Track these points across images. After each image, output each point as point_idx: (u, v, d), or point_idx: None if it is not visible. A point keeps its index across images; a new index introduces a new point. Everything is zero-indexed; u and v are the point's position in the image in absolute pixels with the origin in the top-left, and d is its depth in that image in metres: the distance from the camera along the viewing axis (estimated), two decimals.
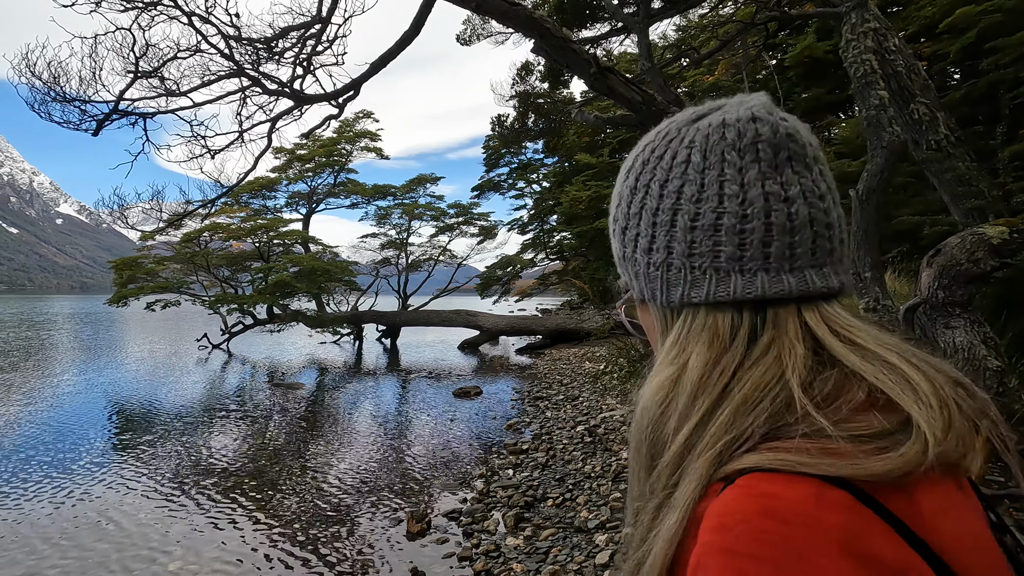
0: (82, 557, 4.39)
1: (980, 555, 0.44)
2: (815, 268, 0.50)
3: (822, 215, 0.51)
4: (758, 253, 0.50)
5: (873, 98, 3.94)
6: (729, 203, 0.50)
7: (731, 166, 0.51)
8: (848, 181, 10.68)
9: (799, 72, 15.35)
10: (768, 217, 0.49)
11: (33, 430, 8.41)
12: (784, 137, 0.51)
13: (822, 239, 0.51)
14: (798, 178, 0.51)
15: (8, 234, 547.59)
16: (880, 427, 0.44)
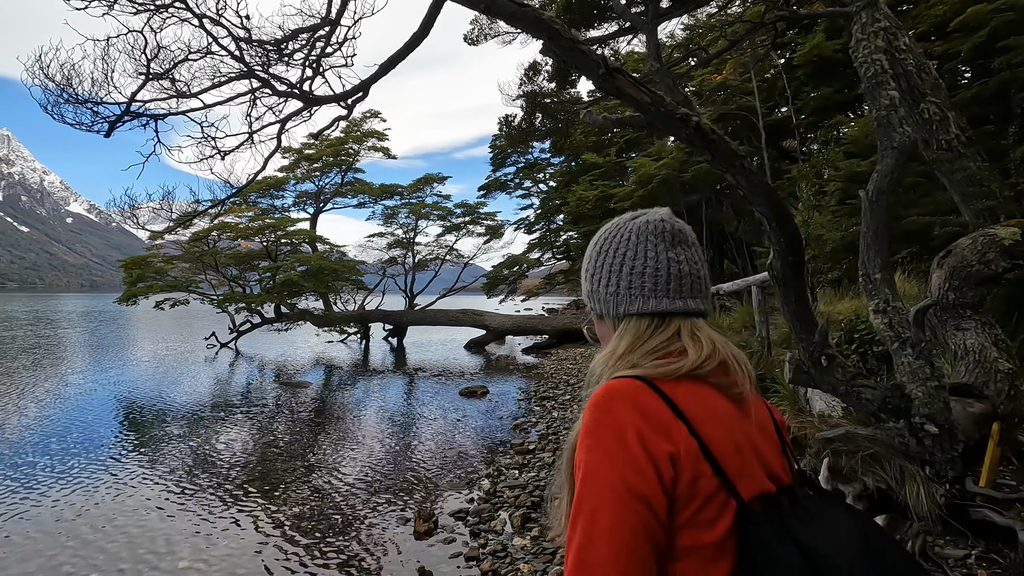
0: (92, 554, 4.43)
1: (716, 427, 0.80)
2: (692, 298, 0.91)
3: (696, 270, 0.93)
4: (663, 288, 0.90)
5: (883, 98, 3.91)
6: (649, 261, 0.91)
7: (651, 243, 0.92)
8: (857, 181, 10.62)
9: (808, 71, 15.24)
10: (668, 270, 0.91)
11: (44, 428, 8.49)
12: (677, 231, 0.94)
13: (696, 283, 0.92)
14: (683, 251, 0.93)
15: (19, 232, 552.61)
16: (676, 361, 0.84)
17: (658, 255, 0.91)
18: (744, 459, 0.79)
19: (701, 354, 0.84)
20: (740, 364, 0.87)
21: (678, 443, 0.75)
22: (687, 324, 0.88)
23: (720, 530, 0.74)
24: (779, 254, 3.41)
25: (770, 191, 3.28)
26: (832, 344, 3.57)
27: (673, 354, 0.85)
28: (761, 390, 5.67)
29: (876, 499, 3.58)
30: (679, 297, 0.89)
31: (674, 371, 0.82)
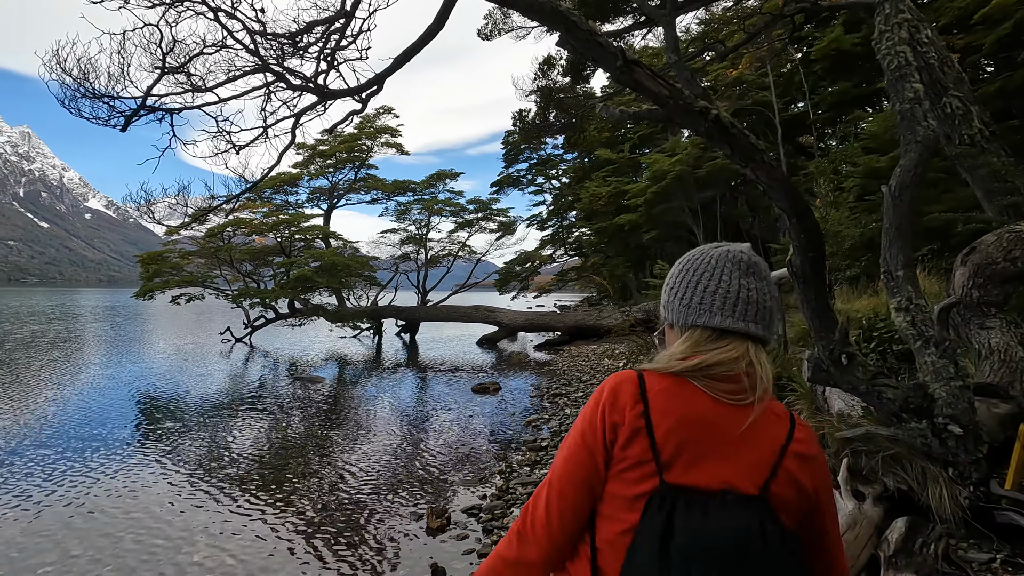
0: (109, 545, 4.48)
1: (674, 418, 0.92)
2: (753, 322, 0.99)
3: (763, 300, 1.02)
4: (729, 309, 0.99)
5: (907, 91, 3.82)
6: (722, 285, 1.01)
7: (727, 270, 1.02)
8: (876, 177, 10.45)
9: (826, 65, 15.01)
10: (738, 294, 1.00)
11: (63, 421, 8.62)
12: (753, 263, 1.04)
13: (762, 312, 1.01)
14: (755, 281, 1.02)
15: (39, 228, 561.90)
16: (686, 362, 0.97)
17: (731, 280, 1.01)
18: (696, 452, 0.91)
19: (704, 360, 0.95)
20: (755, 380, 0.95)
21: (625, 418, 0.93)
22: (741, 344, 0.98)
23: (636, 491, 0.91)
24: (799, 250, 3.35)
25: (790, 186, 3.22)
26: (852, 342, 3.50)
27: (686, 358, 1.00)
28: (777, 388, 5.61)
29: (897, 500, 3.51)
30: (742, 319, 0.98)
31: (668, 368, 0.96)
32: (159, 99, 3.66)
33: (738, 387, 0.93)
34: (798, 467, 0.93)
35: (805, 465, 0.93)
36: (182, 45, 3.60)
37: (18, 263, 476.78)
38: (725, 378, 0.94)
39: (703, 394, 0.93)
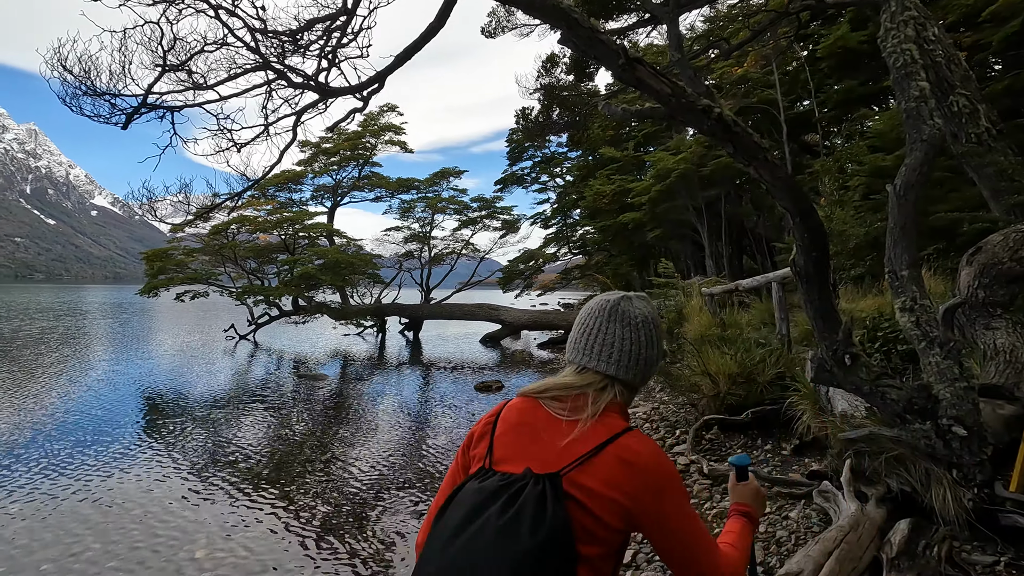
0: (111, 542, 4.50)
1: (511, 426, 1.16)
2: (606, 362, 1.19)
3: (622, 343, 1.21)
4: (588, 350, 1.21)
5: (913, 89, 3.79)
6: (590, 330, 1.25)
7: (596, 317, 1.25)
8: (882, 176, 10.38)
9: (831, 63, 14.91)
10: (596, 338, 1.23)
11: (71, 417, 8.66)
12: (618, 310, 1.23)
13: (617, 352, 1.20)
14: (616, 326, 1.22)
15: (46, 225, 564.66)
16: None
17: (596, 326, 1.22)
18: (517, 448, 1.12)
19: (544, 384, 1.19)
20: (581, 405, 1.13)
21: (482, 428, 1.20)
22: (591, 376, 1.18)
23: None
24: (802, 249, 3.32)
25: (793, 184, 3.19)
26: (856, 342, 3.48)
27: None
28: (780, 388, 5.57)
29: (900, 502, 3.48)
30: (596, 359, 1.19)
31: (526, 391, 1.20)
32: (160, 97, 3.66)
33: (568, 406, 1.13)
34: (615, 467, 1.05)
35: (625, 468, 1.05)
36: (183, 43, 3.60)
37: (25, 260, 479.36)
38: (559, 399, 1.14)
39: (542, 409, 1.15)
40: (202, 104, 3.77)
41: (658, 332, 1.24)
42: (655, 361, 1.23)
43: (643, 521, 1.06)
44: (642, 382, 1.23)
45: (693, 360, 6.43)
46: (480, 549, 0.97)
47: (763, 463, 4.95)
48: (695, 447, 5.58)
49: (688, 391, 6.54)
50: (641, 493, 1.04)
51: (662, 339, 1.26)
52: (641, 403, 7.99)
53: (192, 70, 3.66)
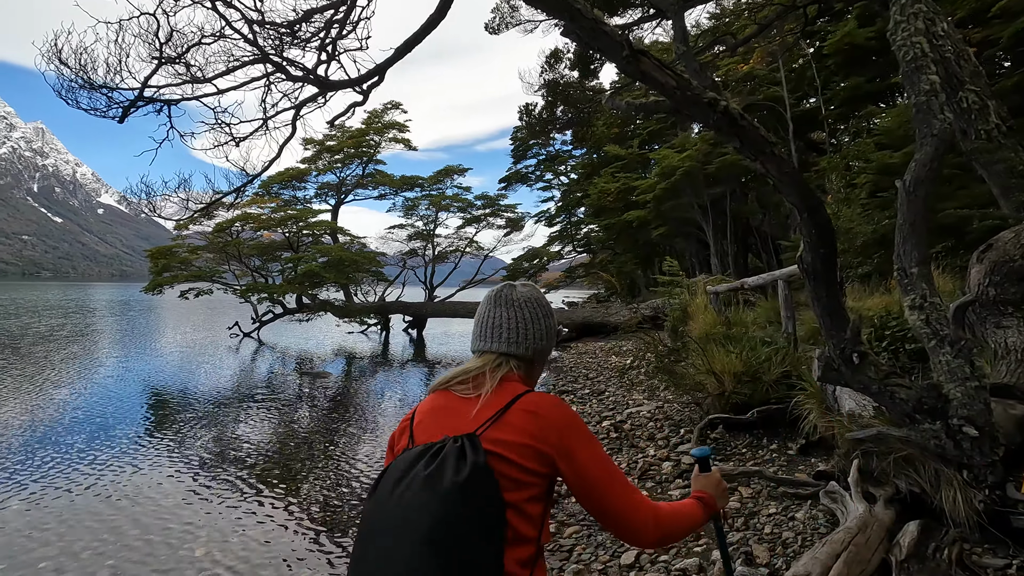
0: (111, 540, 4.48)
1: (427, 414, 1.27)
2: (497, 341, 1.37)
3: (509, 322, 1.37)
4: (481, 335, 1.41)
5: (923, 83, 3.71)
6: (481, 317, 1.43)
7: (485, 305, 1.43)
8: (889, 173, 10.27)
9: (838, 60, 14.77)
10: (485, 323, 1.42)
11: (71, 415, 8.67)
12: (502, 295, 1.40)
13: (506, 331, 1.36)
14: (502, 309, 1.38)
15: (53, 223, 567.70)
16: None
17: (485, 313, 1.38)
18: (433, 425, 1.22)
19: (446, 376, 1.33)
20: (480, 383, 1.27)
21: (401, 427, 1.30)
22: (487, 357, 1.33)
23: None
24: (810, 246, 3.26)
25: (801, 180, 3.13)
26: (864, 341, 3.41)
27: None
28: (786, 387, 5.51)
29: (909, 503, 3.42)
30: (488, 340, 1.35)
31: (433, 387, 1.34)
32: (158, 90, 3.62)
33: (471, 386, 1.26)
34: (521, 418, 1.17)
35: (530, 416, 1.17)
36: (180, 35, 3.56)
37: (32, 257, 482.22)
38: (464, 383, 1.28)
39: (452, 395, 1.27)
40: (200, 97, 3.73)
41: (543, 309, 1.38)
42: (544, 334, 1.37)
43: (555, 458, 1.16)
44: (537, 355, 1.36)
45: (698, 359, 6.37)
46: (409, 498, 1.07)
47: (769, 463, 4.89)
48: (700, 446, 5.52)
49: (693, 390, 6.48)
50: (547, 433, 1.16)
51: (549, 315, 1.39)
52: (645, 402, 7.93)
53: (190, 63, 3.62)
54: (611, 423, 7.05)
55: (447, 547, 1.01)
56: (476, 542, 1.03)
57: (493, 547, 1.05)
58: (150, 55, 3.50)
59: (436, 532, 1.01)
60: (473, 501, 1.05)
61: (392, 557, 1.02)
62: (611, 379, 10.37)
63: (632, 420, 7.06)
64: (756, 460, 5.00)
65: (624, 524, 1.20)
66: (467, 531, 1.03)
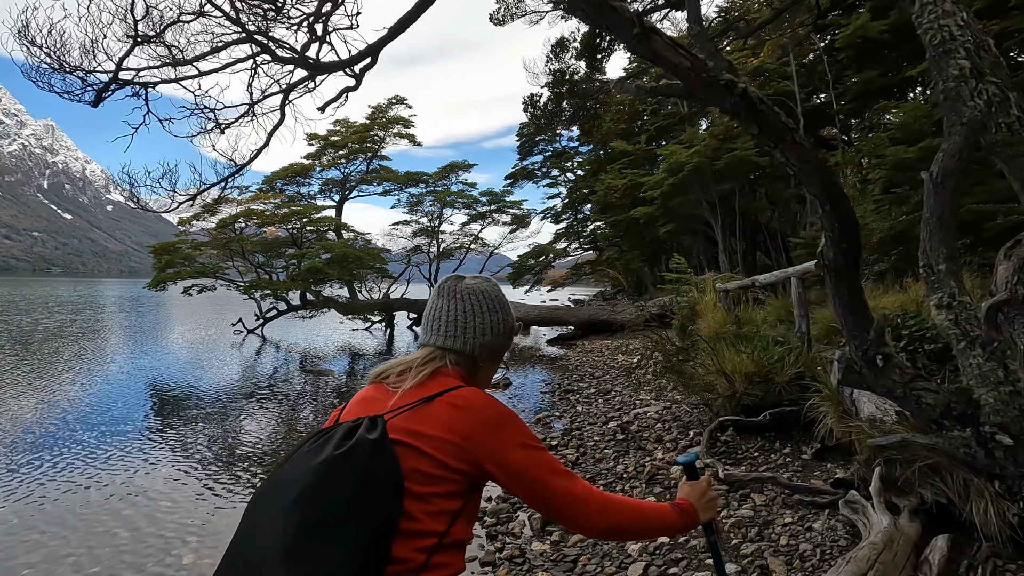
0: (101, 544, 4.34)
1: (356, 403, 1.24)
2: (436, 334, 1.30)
3: (450, 315, 1.30)
4: (424, 328, 1.34)
5: (952, 68, 3.49)
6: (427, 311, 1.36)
7: (430, 299, 1.37)
8: (904, 169, 10.01)
9: (851, 54, 14.48)
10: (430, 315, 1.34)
11: (74, 413, 8.57)
12: (446, 287, 1.34)
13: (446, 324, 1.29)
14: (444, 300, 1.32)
15: (63, 220, 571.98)
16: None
17: (430, 306, 1.30)
18: (354, 412, 1.19)
19: (384, 366, 1.26)
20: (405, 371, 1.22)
21: (333, 414, 1.25)
22: (426, 351, 1.26)
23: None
24: (831, 240, 3.05)
25: (824, 169, 2.93)
26: (888, 342, 3.20)
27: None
28: (800, 389, 5.30)
29: (935, 515, 3.22)
30: (430, 333, 1.28)
31: (368, 378, 1.28)
32: (138, 73, 3.43)
33: (401, 379, 1.20)
34: (445, 412, 1.11)
35: (455, 412, 1.11)
36: (157, 12, 3.35)
37: (43, 254, 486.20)
38: (398, 374, 1.22)
39: (382, 386, 1.22)
40: (179, 80, 3.53)
41: (491, 302, 1.28)
42: (491, 329, 1.26)
43: (482, 457, 1.10)
44: (482, 351, 1.26)
45: (707, 358, 6.16)
46: (287, 471, 1.06)
47: (782, 468, 4.69)
48: (709, 449, 5.32)
49: (702, 390, 6.28)
50: (473, 430, 1.10)
51: (498, 310, 1.29)
52: (653, 402, 7.74)
53: (170, 44, 3.42)
54: (617, 424, 6.86)
55: (311, 515, 0.98)
56: (347, 515, 0.99)
57: (369, 526, 0.99)
58: (125, 34, 3.31)
59: (302, 499, 0.99)
60: (347, 473, 1.01)
61: (260, 525, 1.02)
62: (618, 378, 10.18)
63: (639, 421, 6.87)
64: (769, 465, 4.80)
65: (567, 518, 1.17)
66: (336, 503, 0.99)
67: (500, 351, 1.31)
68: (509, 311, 1.32)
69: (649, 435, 6.30)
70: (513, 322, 1.33)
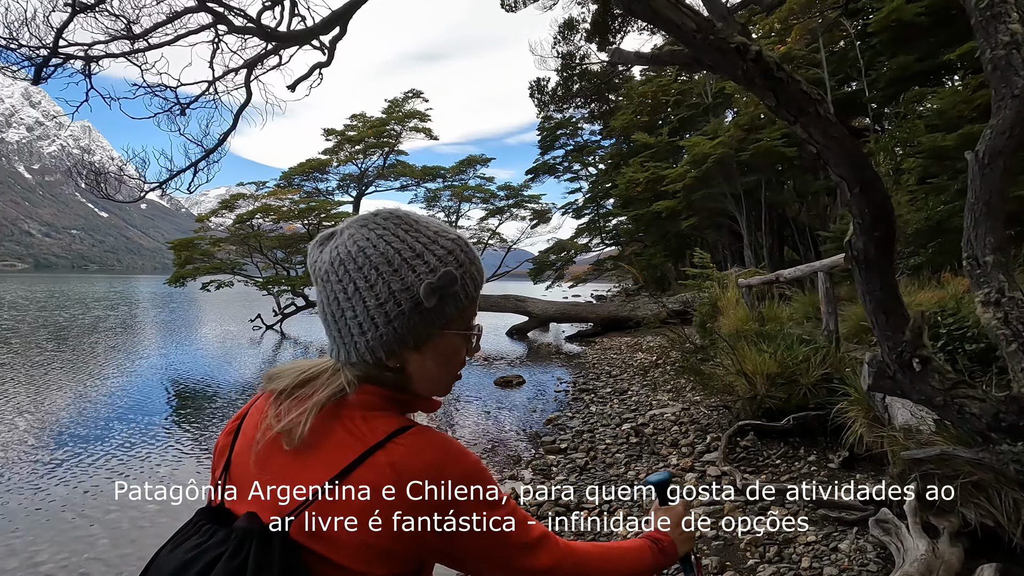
0: (82, 549, 4.19)
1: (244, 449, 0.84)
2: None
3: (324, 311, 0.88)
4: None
5: (1002, 34, 3.09)
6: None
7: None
8: (941, 157, 9.45)
9: (884, 39, 13.84)
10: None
11: (91, 410, 8.58)
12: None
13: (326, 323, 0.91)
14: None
15: (99, 218, 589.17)
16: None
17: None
18: (248, 476, 0.82)
19: (284, 374, 0.85)
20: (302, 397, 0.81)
21: (223, 439, 0.91)
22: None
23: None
24: (861, 229, 2.70)
25: (853, 147, 2.57)
26: (927, 343, 2.84)
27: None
28: (826, 392, 4.92)
29: (980, 539, 2.86)
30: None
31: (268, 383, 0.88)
32: (88, 49, 3.21)
33: (299, 399, 0.84)
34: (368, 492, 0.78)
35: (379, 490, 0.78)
36: None
37: (81, 251, 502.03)
38: (299, 386, 0.87)
39: (277, 413, 0.85)
40: (128, 54, 3.30)
41: (363, 273, 0.79)
42: (370, 321, 0.79)
43: (424, 554, 0.79)
44: (378, 351, 0.80)
45: (727, 358, 5.80)
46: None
47: (806, 477, 4.32)
48: (728, 456, 4.98)
49: (721, 392, 5.92)
50: (413, 514, 0.75)
51: (379, 279, 0.79)
52: (670, 403, 7.39)
53: (116, 13, 3.18)
54: (631, 426, 6.54)
55: None
56: None
57: None
58: (63, 1, 3.08)
59: None
60: None
61: None
62: (635, 377, 9.82)
63: (655, 423, 6.53)
64: (792, 474, 4.44)
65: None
66: None
67: (418, 335, 0.81)
68: (404, 269, 0.80)
69: (664, 438, 5.97)
70: (421, 282, 0.79)
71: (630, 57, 2.53)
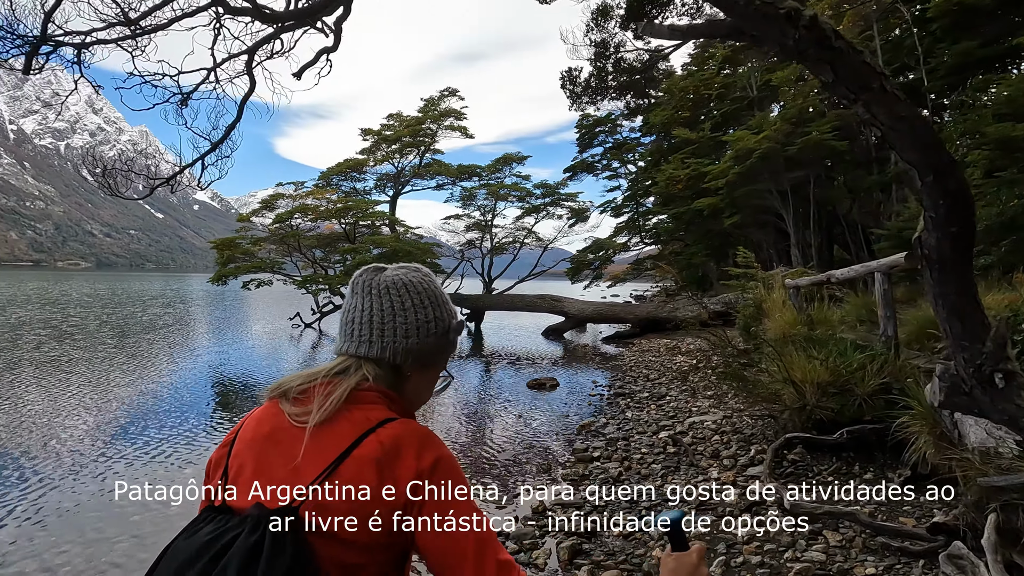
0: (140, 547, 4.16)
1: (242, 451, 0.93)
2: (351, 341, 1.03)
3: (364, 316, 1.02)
4: (340, 333, 1.07)
5: None
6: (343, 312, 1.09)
7: (347, 297, 1.10)
8: (1012, 148, 8.72)
9: (945, 24, 12.95)
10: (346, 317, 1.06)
11: (134, 407, 8.77)
12: (359, 280, 1.06)
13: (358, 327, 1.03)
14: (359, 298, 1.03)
15: (155, 219, 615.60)
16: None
17: (346, 305, 1.04)
18: (250, 472, 0.91)
19: (287, 381, 0.97)
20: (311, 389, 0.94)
21: (218, 453, 0.98)
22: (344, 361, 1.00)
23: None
24: (935, 223, 2.34)
25: (924, 128, 2.22)
26: (1011, 355, 2.45)
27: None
28: (886, 404, 4.49)
29: None
30: (345, 339, 1.02)
31: (272, 390, 0.98)
32: (84, 37, 3.11)
33: (304, 400, 0.94)
34: (361, 472, 0.86)
35: (374, 469, 0.87)
36: None
37: (138, 250, 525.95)
38: (303, 392, 0.95)
39: (280, 413, 0.95)
40: (118, 40, 3.18)
41: (418, 296, 1.02)
42: (415, 330, 1.00)
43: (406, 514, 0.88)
44: (399, 356, 0.99)
45: (773, 364, 5.40)
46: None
47: (863, 499, 3.92)
48: (774, 471, 4.61)
49: (767, 400, 5.52)
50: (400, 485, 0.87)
51: (429, 305, 1.03)
52: (711, 411, 7.00)
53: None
54: (669, 434, 6.20)
55: None
56: None
57: None
58: None
59: None
60: None
61: None
62: (674, 381, 9.42)
63: (694, 432, 6.18)
64: (846, 495, 4.04)
65: None
66: None
67: (433, 358, 1.04)
68: (444, 306, 1.05)
69: (704, 448, 5.62)
70: (451, 320, 1.05)
71: (663, 31, 2.25)
